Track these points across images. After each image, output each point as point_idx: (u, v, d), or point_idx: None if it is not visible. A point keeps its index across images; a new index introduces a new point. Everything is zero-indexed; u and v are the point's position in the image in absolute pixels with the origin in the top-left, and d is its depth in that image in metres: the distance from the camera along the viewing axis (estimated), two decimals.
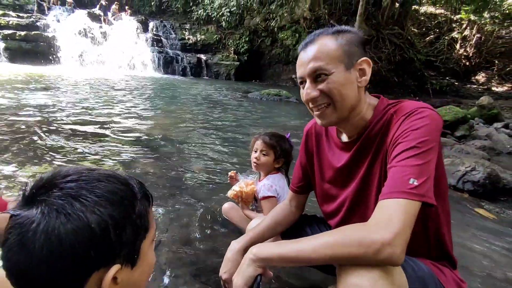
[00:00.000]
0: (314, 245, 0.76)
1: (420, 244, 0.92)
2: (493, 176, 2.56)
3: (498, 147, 4.29)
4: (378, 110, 0.93)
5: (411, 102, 0.90)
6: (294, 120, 5.88)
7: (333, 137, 1.04)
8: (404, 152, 0.79)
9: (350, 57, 0.87)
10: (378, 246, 0.69)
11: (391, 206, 0.74)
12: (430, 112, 0.84)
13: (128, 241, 0.53)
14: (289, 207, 1.22)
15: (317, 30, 0.92)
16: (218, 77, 14.57)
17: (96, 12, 14.60)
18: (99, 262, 0.50)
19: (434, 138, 0.80)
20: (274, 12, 13.92)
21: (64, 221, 0.47)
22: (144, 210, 0.58)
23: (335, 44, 0.87)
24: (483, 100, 6.33)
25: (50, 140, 3.17)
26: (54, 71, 10.42)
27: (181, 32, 15.69)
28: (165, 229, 1.77)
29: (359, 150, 0.95)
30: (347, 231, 0.76)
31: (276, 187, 1.60)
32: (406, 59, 12.98)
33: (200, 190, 2.34)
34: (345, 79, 0.87)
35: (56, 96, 5.88)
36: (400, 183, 0.75)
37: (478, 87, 14.76)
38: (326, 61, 0.86)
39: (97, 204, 0.50)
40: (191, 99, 7.36)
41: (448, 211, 0.95)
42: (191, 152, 3.25)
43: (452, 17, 16.74)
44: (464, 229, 2.06)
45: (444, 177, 0.92)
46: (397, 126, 0.85)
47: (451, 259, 0.96)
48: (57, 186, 0.51)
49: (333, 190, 1.06)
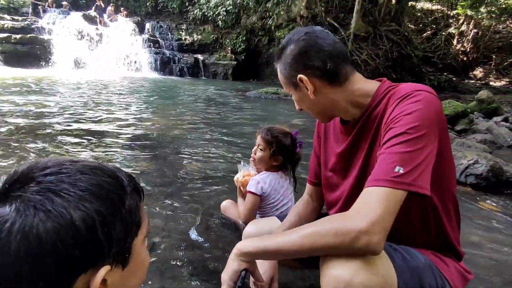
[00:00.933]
0: (294, 236, 0.75)
1: (418, 234, 0.88)
2: (496, 168, 2.52)
3: (498, 141, 4.25)
4: (378, 93, 0.89)
5: (409, 85, 0.86)
6: (292, 117, 5.84)
7: (337, 123, 1.01)
8: (393, 138, 0.75)
9: (290, 79, 0.91)
10: (354, 235, 0.67)
11: (372, 194, 0.72)
12: (426, 95, 0.79)
13: (118, 238, 0.48)
14: (310, 200, 1.18)
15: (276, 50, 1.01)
16: (215, 77, 14.51)
17: (92, 14, 14.51)
18: (86, 263, 0.44)
19: (429, 123, 0.75)
20: (270, 11, 13.87)
21: (44, 218, 0.42)
22: (134, 204, 0.53)
23: (281, 72, 0.94)
24: (482, 94, 6.31)
25: (44, 142, 3.12)
26: (50, 73, 10.36)
27: (178, 32, 15.62)
28: (162, 228, 1.72)
29: (358, 134, 0.92)
30: (326, 221, 0.74)
31: (263, 185, 1.51)
32: (404, 55, 12.95)
33: (197, 189, 2.29)
34: (299, 97, 0.93)
35: (51, 98, 5.82)
36: (385, 171, 0.72)
37: (476, 82, 14.76)
38: (284, 86, 0.96)
39: (81, 199, 0.44)
40: (188, 99, 7.31)
41: (454, 199, 0.90)
42: (189, 152, 3.20)
43: (449, 12, 16.73)
44: (467, 222, 2.02)
45: (450, 166, 0.87)
46: (391, 110, 0.81)
47: (455, 250, 0.92)
48: (34, 180, 0.45)
49: (334, 179, 1.03)
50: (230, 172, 2.68)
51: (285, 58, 0.91)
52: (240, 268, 0.82)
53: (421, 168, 0.72)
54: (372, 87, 0.90)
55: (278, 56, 0.93)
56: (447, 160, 0.85)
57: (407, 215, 0.82)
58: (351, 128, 0.93)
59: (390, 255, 0.77)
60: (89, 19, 14.08)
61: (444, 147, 0.81)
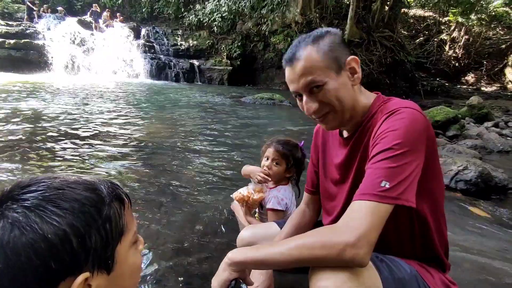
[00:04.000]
0: (283, 248, 0.77)
1: (405, 245, 0.91)
2: (485, 174, 2.58)
3: (489, 146, 4.33)
4: (373, 107, 0.92)
5: (398, 101, 0.89)
6: (288, 123, 5.88)
7: (336, 134, 1.04)
8: (380, 153, 0.79)
9: (337, 60, 0.86)
10: (340, 248, 0.70)
11: (359, 208, 0.75)
12: (411, 112, 0.82)
13: (96, 247, 0.51)
14: (307, 210, 1.20)
15: (296, 40, 0.90)
16: (211, 82, 14.54)
17: (87, 19, 14.51)
18: (63, 272, 0.48)
19: (414, 140, 0.78)
20: (265, 17, 14.00)
21: (18, 234, 0.46)
22: (115, 213, 0.56)
23: (319, 53, 0.85)
24: (473, 100, 6.43)
25: (37, 149, 3.11)
26: (45, 79, 10.30)
27: (173, 38, 15.66)
28: (156, 236, 1.73)
29: (354, 146, 0.95)
30: (314, 234, 0.77)
31: (287, 201, 1.54)
32: (397, 61, 13.13)
33: (193, 197, 2.30)
34: (339, 84, 0.86)
35: (45, 104, 5.80)
36: (371, 185, 0.76)
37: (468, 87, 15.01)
38: (316, 73, 0.84)
39: (54, 214, 0.48)
40: (184, 105, 7.33)
41: (442, 213, 0.93)
42: (184, 159, 3.22)
43: (441, 19, 17.05)
44: (457, 228, 2.06)
45: (437, 179, 0.91)
46: (379, 125, 0.85)
47: (441, 261, 0.94)
48: (14, 199, 0.50)
49: (333, 188, 1.06)
50: (225, 179, 2.71)
51: (331, 39, 0.87)
52: (230, 277, 0.84)
53: (407, 183, 0.75)
54: (369, 100, 0.94)
55: (313, 40, 0.87)
56: (435, 173, 0.88)
57: (395, 227, 0.85)
58: (349, 139, 0.97)
59: (377, 267, 0.80)
60: (85, 24, 14.07)
61: (431, 161, 0.84)
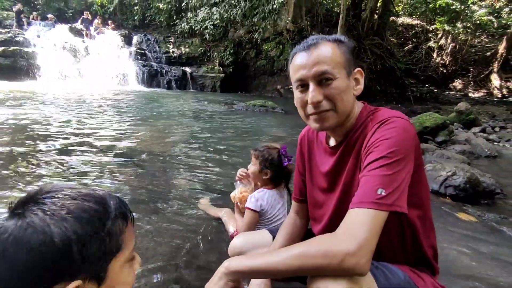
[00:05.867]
0: (282, 256, 0.77)
1: (397, 251, 0.93)
2: (473, 180, 2.62)
3: (477, 151, 4.41)
4: (361, 116, 0.94)
5: (386, 111, 0.92)
6: (280, 130, 5.90)
7: (322, 142, 1.05)
8: (374, 161, 0.81)
9: (350, 65, 0.89)
10: (342, 257, 0.70)
11: (358, 216, 0.76)
12: (402, 121, 0.85)
13: (93, 258, 0.55)
14: (297, 218, 1.20)
15: (317, 36, 0.91)
16: (203, 89, 14.56)
17: (78, 26, 14.44)
18: (58, 275, 0.52)
19: (405, 148, 0.81)
20: (257, 25, 14.15)
21: (30, 232, 0.51)
22: (117, 229, 0.59)
23: (339, 50, 0.88)
24: (461, 106, 6.57)
25: (26, 157, 3.05)
26: (34, 86, 10.16)
27: (166, 45, 15.68)
28: (145, 247, 1.70)
29: (342, 155, 0.96)
30: (315, 242, 0.77)
31: (262, 202, 1.59)
32: (387, 68, 13.38)
33: (183, 206, 2.28)
34: (347, 86, 0.88)
35: (34, 112, 5.70)
36: (369, 193, 0.77)
37: (456, 93, 15.36)
38: (332, 65, 0.85)
39: (64, 220, 0.53)
40: (175, 112, 7.30)
41: (429, 218, 0.96)
42: (175, 167, 3.19)
43: (428, 27, 17.50)
44: (446, 233, 2.08)
45: (424, 185, 0.93)
46: (370, 134, 0.87)
47: (431, 265, 0.96)
48: (35, 201, 0.55)
49: (320, 196, 1.06)
50: (216, 187, 2.69)
51: (348, 46, 0.90)
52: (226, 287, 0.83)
53: (401, 189, 0.77)
54: (357, 109, 0.96)
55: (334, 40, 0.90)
56: (421, 179, 0.91)
57: (387, 233, 0.86)
58: (337, 148, 0.98)
59: (374, 274, 0.81)
60: (76, 31, 14.01)
61: (419, 168, 0.87)
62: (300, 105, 0.92)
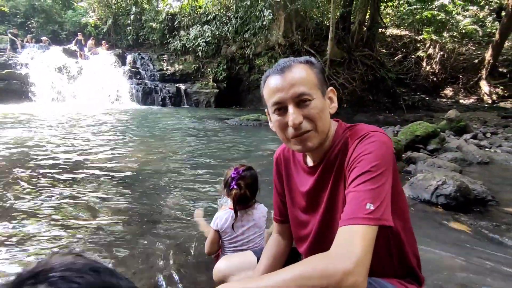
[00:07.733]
0: (278, 280, 0.74)
1: (385, 264, 0.93)
2: (463, 188, 2.63)
3: (468, 158, 4.44)
4: (338, 134, 0.95)
5: (365, 126, 0.93)
6: (272, 144, 5.92)
7: (300, 162, 1.05)
8: (359, 177, 0.81)
9: (323, 85, 0.91)
10: (340, 276, 0.69)
11: (351, 233, 0.75)
12: (380, 135, 0.87)
13: None
14: (280, 239, 1.19)
15: (288, 58, 0.93)
16: (198, 105, 14.65)
17: (72, 48, 14.60)
18: None
19: (386, 161, 0.83)
20: (249, 40, 14.42)
21: None
22: None
23: (312, 71, 0.89)
24: (451, 114, 6.65)
25: (17, 178, 3.02)
26: (28, 109, 10.16)
27: (159, 63, 15.87)
28: (133, 272, 1.67)
29: (322, 174, 0.96)
30: (310, 263, 0.75)
31: (219, 222, 1.53)
32: (378, 78, 13.61)
33: (174, 227, 2.25)
34: (323, 105, 0.90)
35: (27, 133, 5.69)
36: (358, 209, 0.77)
37: (447, 101, 15.59)
38: (308, 86, 0.86)
39: None
40: (169, 130, 7.31)
41: (410, 228, 0.97)
42: (168, 186, 3.17)
43: (416, 37, 17.94)
44: (438, 243, 2.07)
45: (402, 196, 0.95)
46: (352, 150, 0.88)
47: (417, 275, 0.97)
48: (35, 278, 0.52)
49: (302, 216, 1.06)
50: (208, 206, 2.67)
51: (318, 67, 0.93)
52: None
53: (386, 202, 0.78)
54: (333, 127, 0.97)
55: (305, 62, 0.92)
56: (398, 191, 0.93)
57: (375, 247, 0.86)
58: (316, 168, 0.98)
59: None
60: (69, 53, 14.14)
61: (396, 179, 0.89)
62: (280, 128, 0.92)
